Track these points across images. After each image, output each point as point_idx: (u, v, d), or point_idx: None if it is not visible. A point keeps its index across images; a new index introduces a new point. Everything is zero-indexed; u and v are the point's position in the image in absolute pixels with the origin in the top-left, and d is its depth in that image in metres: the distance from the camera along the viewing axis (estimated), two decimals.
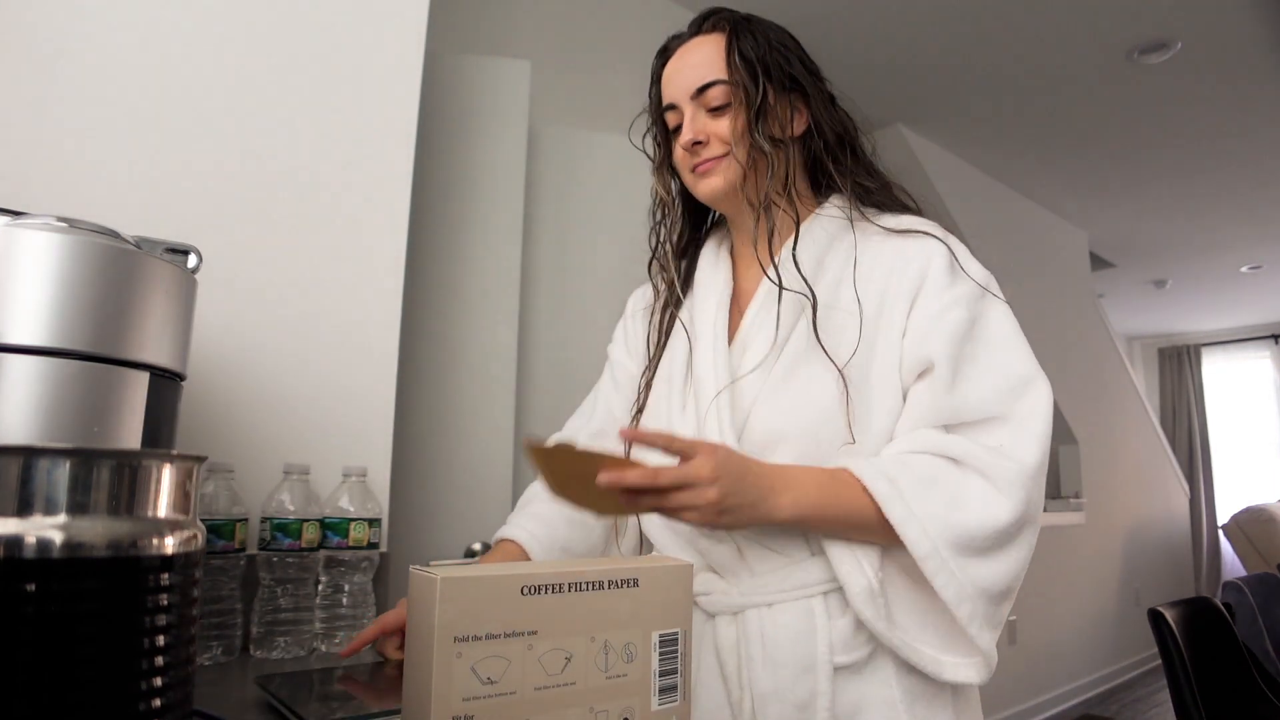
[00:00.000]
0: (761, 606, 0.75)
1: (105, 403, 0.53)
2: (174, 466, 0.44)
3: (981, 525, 0.68)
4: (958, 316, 0.74)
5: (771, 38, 0.87)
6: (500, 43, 2.03)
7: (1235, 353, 6.79)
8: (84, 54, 0.91)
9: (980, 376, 0.73)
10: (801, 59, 0.88)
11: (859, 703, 0.72)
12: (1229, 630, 2.01)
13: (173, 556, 0.43)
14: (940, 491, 0.69)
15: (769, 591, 0.75)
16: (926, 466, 0.70)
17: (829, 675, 0.72)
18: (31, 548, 0.37)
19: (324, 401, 1.05)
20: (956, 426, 0.73)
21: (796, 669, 0.72)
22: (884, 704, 0.72)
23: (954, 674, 0.71)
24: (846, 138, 0.87)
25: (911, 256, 0.78)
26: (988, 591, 0.68)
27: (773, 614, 0.74)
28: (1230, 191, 4.02)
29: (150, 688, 0.40)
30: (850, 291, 0.78)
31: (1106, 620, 4.26)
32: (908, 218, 0.83)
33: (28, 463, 0.38)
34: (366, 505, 0.97)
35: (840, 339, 0.76)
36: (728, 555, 0.77)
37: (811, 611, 0.73)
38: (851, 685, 0.73)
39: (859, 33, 2.73)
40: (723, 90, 0.82)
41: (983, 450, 0.70)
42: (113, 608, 0.39)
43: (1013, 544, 0.69)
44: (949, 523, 0.68)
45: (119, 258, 0.54)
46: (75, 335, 0.51)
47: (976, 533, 0.68)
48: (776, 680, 0.72)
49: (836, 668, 0.72)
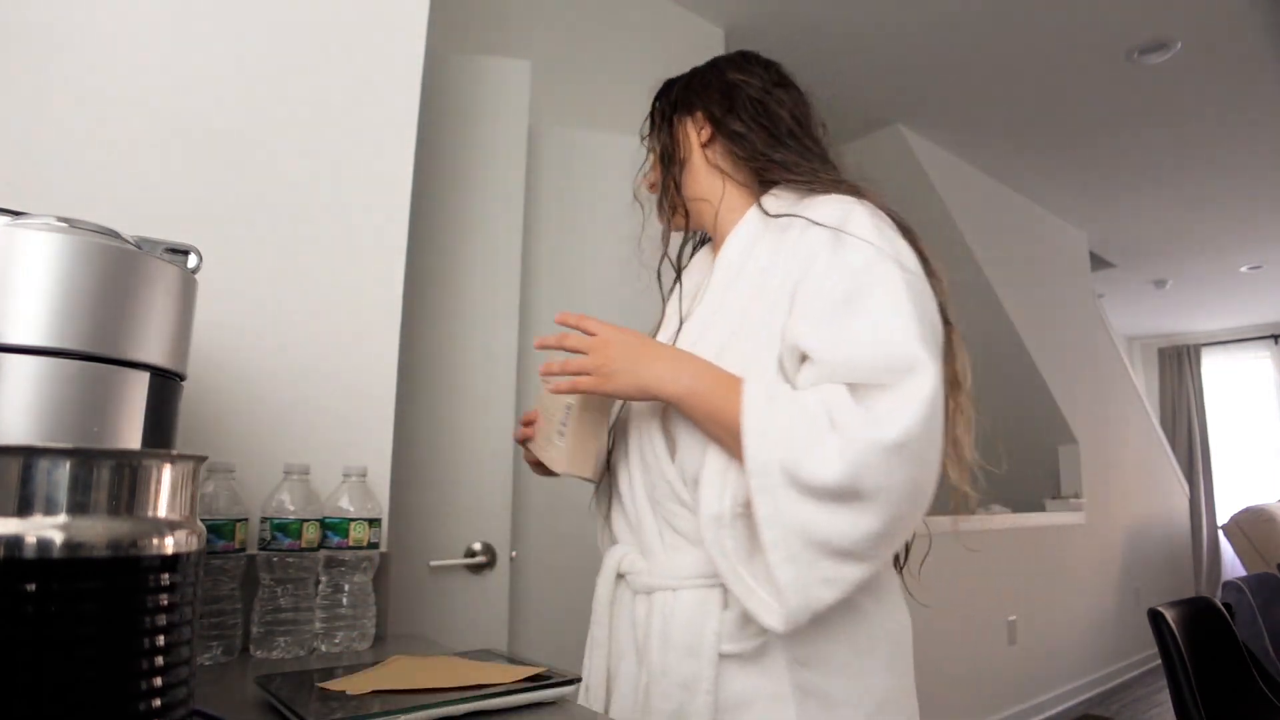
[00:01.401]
0: (668, 590, 0.79)
1: (105, 403, 0.53)
2: (174, 466, 0.44)
3: (812, 472, 0.68)
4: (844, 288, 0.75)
5: (686, 78, 1.00)
6: (500, 43, 2.03)
7: (1235, 353, 6.79)
8: (84, 53, 0.91)
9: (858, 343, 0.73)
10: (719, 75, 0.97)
11: (746, 694, 0.75)
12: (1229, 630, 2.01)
13: (173, 556, 0.43)
14: (801, 428, 0.70)
15: (677, 576, 0.79)
16: (806, 405, 0.72)
17: (713, 661, 0.75)
18: (32, 548, 0.37)
19: (324, 401, 1.05)
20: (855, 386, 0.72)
21: (684, 650, 0.76)
22: (772, 698, 0.74)
23: (758, 608, 0.71)
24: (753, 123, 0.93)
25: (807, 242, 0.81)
26: (803, 531, 0.69)
27: (676, 597, 0.78)
28: (1230, 191, 4.02)
29: (150, 688, 0.41)
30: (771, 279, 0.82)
31: (1106, 620, 4.26)
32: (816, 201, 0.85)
33: (28, 463, 0.38)
34: (366, 505, 0.97)
35: (760, 321, 0.81)
36: (651, 536, 0.83)
37: (707, 599, 0.77)
38: (740, 676, 0.75)
39: (859, 33, 2.73)
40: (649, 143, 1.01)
41: (853, 412, 0.70)
42: (113, 608, 0.39)
43: (849, 507, 0.68)
44: (790, 453, 0.69)
45: (119, 258, 0.54)
46: (75, 335, 0.51)
47: (808, 477, 0.68)
48: (665, 659, 0.77)
49: (722, 655, 0.75)
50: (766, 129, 0.92)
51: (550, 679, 0.71)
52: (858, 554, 0.69)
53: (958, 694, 3.12)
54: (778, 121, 0.93)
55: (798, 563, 0.69)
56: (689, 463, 0.80)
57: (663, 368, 0.78)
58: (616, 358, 0.78)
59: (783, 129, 0.93)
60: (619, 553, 0.87)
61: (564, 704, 0.71)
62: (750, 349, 0.80)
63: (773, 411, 0.72)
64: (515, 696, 0.67)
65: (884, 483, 0.68)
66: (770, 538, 0.70)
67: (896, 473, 0.68)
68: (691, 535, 0.80)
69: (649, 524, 0.83)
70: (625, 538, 0.88)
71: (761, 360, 0.78)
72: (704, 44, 2.61)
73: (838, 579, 0.69)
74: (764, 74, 0.96)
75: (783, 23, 2.67)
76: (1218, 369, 6.85)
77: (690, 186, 0.95)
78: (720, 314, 0.86)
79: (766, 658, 0.75)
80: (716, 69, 0.98)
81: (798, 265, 0.80)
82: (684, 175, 0.95)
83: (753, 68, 0.97)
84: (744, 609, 0.73)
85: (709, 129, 0.95)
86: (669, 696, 0.75)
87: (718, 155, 0.94)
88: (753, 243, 0.87)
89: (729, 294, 0.86)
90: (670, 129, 0.97)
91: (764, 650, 0.75)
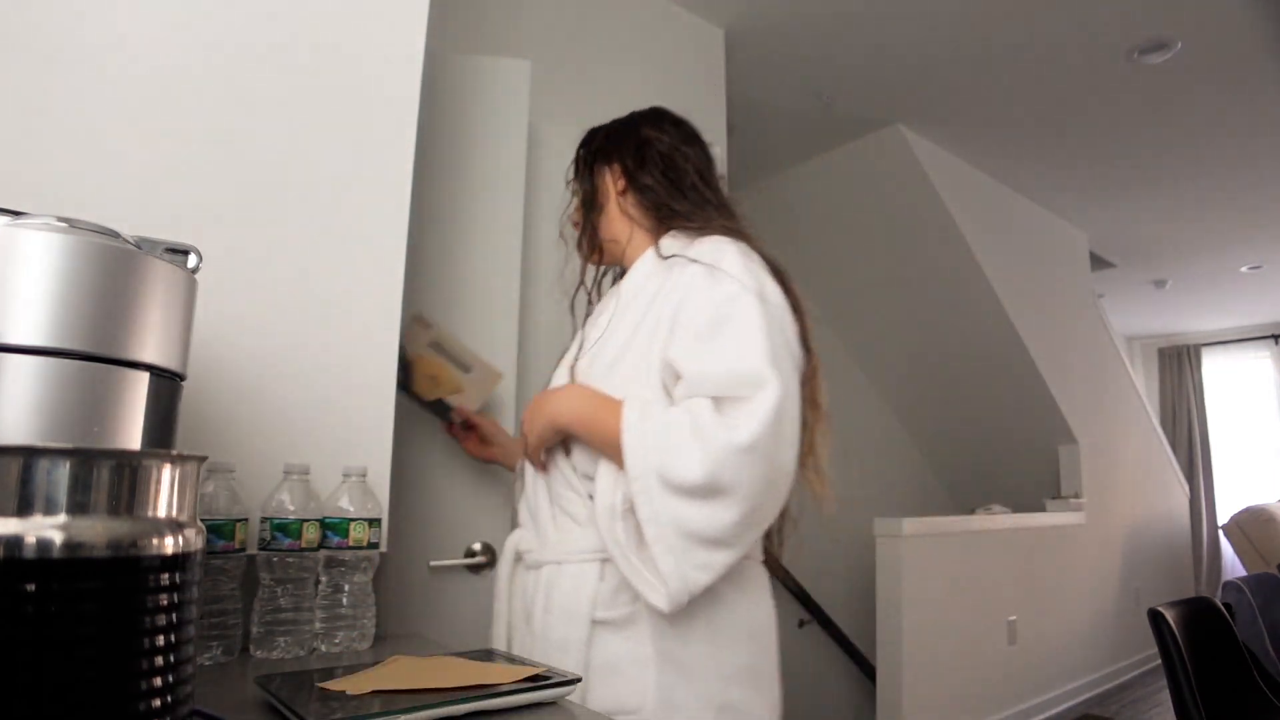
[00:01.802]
0: (555, 564, 0.93)
1: (105, 403, 0.53)
2: (174, 466, 0.44)
3: (680, 474, 0.82)
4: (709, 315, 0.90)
5: (606, 130, 1.14)
6: (500, 42, 2.03)
7: (1235, 353, 6.79)
8: (83, 53, 0.91)
9: (718, 361, 0.86)
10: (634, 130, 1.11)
11: (615, 658, 0.87)
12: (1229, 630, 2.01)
13: (173, 557, 0.43)
14: (669, 438, 0.84)
15: (563, 552, 0.93)
16: (673, 418, 0.85)
17: (587, 625, 0.88)
18: (31, 548, 0.37)
19: (324, 401, 1.04)
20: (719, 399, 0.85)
21: (564, 616, 0.89)
22: (636, 662, 0.86)
23: (646, 590, 0.84)
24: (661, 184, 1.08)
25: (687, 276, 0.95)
26: (677, 525, 0.82)
27: (560, 570, 0.92)
28: (1230, 191, 4.02)
29: (150, 688, 0.40)
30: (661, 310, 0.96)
31: (1106, 620, 4.26)
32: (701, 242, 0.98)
33: (28, 463, 0.38)
34: (366, 505, 0.97)
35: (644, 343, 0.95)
36: (546, 520, 0.98)
37: (586, 573, 0.90)
38: (611, 640, 0.88)
39: (859, 33, 2.73)
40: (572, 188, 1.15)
41: (712, 420, 0.83)
42: (113, 608, 0.39)
43: (712, 502, 0.82)
44: (662, 460, 0.83)
45: (119, 258, 0.54)
46: (75, 335, 0.51)
47: (677, 479, 0.82)
48: (546, 623, 0.90)
49: (596, 621, 0.88)
50: (672, 181, 1.07)
51: (550, 679, 0.71)
52: (725, 541, 0.83)
53: (958, 694, 3.12)
54: (683, 175, 1.08)
55: (675, 553, 0.82)
56: (581, 463, 0.95)
57: (555, 405, 0.95)
58: (531, 420, 0.98)
59: (686, 182, 1.07)
60: (518, 535, 1.02)
61: (564, 704, 0.71)
62: (633, 367, 0.94)
63: (645, 427, 0.86)
64: (515, 697, 0.67)
65: (739, 479, 0.81)
66: (652, 533, 0.83)
67: (749, 470, 0.82)
68: (580, 518, 0.94)
69: (545, 510, 0.98)
70: (526, 523, 1.03)
71: (642, 377, 0.93)
72: (704, 44, 2.61)
73: (710, 564, 0.83)
74: (674, 131, 1.11)
75: (782, 23, 2.67)
76: (1218, 369, 6.85)
77: (605, 229, 1.10)
78: (613, 337, 1.00)
79: (634, 626, 0.88)
80: (633, 125, 1.13)
81: (678, 296, 0.94)
82: (601, 219, 1.10)
83: (665, 125, 1.12)
84: (621, 582, 0.87)
85: (623, 180, 1.09)
86: (547, 656, 0.86)
87: (629, 203, 1.09)
88: (645, 279, 1.01)
89: (622, 321, 1.00)
90: (591, 177, 1.12)
91: (632, 619, 0.88)
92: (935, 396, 4.28)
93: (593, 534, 0.91)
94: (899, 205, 3.61)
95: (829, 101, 3.13)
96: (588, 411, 0.92)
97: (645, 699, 0.85)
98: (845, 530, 3.97)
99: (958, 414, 4.27)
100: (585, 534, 0.92)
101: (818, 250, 4.04)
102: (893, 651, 2.89)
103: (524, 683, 0.69)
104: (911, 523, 3.01)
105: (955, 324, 3.90)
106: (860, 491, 4.18)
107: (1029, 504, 4.06)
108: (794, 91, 3.11)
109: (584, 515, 0.94)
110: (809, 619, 3.64)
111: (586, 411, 0.92)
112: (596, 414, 0.91)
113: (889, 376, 4.34)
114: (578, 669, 0.84)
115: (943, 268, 3.71)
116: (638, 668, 0.86)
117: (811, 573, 3.71)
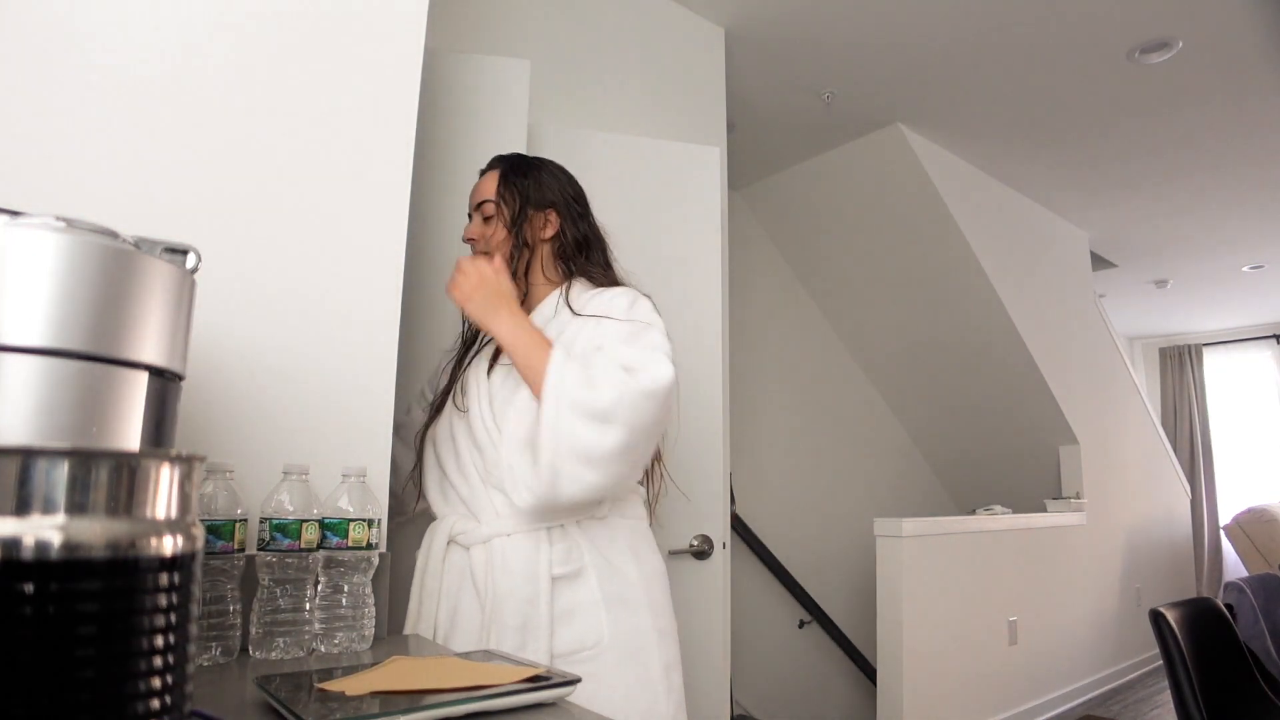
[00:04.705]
0: (504, 536, 1.08)
1: (104, 403, 0.53)
2: (173, 466, 0.44)
3: (589, 399, 1.01)
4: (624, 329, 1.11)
5: (540, 173, 1.26)
6: (500, 42, 2.03)
7: (1237, 352, 6.79)
8: (83, 53, 0.91)
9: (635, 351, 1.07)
10: (563, 187, 1.27)
11: (572, 605, 1.08)
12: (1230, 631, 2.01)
13: (172, 557, 0.42)
14: (588, 372, 1.04)
15: (509, 526, 1.09)
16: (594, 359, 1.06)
17: (549, 581, 1.06)
18: (30, 549, 0.36)
19: (324, 401, 1.04)
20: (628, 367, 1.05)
21: (526, 576, 1.06)
22: (589, 605, 1.08)
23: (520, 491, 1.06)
24: (585, 241, 1.26)
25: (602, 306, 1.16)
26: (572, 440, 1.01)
27: (512, 541, 1.08)
28: (1231, 191, 4.02)
29: (149, 689, 0.40)
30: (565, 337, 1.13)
31: (1107, 620, 4.25)
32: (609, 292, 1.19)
33: (26, 463, 0.38)
34: (366, 506, 0.97)
35: None
36: (482, 503, 1.11)
37: (538, 540, 1.08)
38: (567, 591, 1.08)
39: (859, 32, 2.73)
40: (491, 207, 1.23)
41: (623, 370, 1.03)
42: (111, 609, 0.39)
43: (604, 426, 1.01)
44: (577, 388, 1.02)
45: (117, 257, 0.54)
46: (73, 335, 0.51)
47: (585, 401, 1.01)
48: (511, 584, 1.05)
49: (554, 577, 1.07)
50: (590, 243, 1.26)
51: (550, 679, 0.71)
52: (599, 462, 1.01)
53: (958, 694, 3.12)
54: (598, 237, 1.28)
55: (557, 463, 1.01)
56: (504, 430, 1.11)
57: (505, 321, 1.10)
58: (483, 290, 1.12)
59: (596, 245, 1.27)
60: (449, 521, 1.13)
61: (564, 704, 0.71)
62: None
63: (568, 363, 1.04)
64: (515, 697, 0.67)
65: (631, 416, 1.01)
66: (546, 442, 1.01)
67: (639, 411, 1.02)
68: (509, 492, 1.09)
69: (480, 495, 1.12)
70: (452, 510, 1.15)
71: None
72: (704, 44, 2.61)
73: (579, 478, 1.02)
74: (582, 195, 1.30)
75: (783, 22, 2.67)
76: (1219, 369, 6.85)
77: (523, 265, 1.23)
78: None
79: (582, 577, 1.09)
80: (558, 177, 1.27)
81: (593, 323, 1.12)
82: (523, 256, 1.22)
83: (578, 186, 1.29)
84: (570, 544, 1.09)
85: (554, 228, 1.24)
86: (517, 612, 1.04)
87: (548, 249, 1.25)
88: (545, 322, 1.17)
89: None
90: (526, 214, 1.23)
91: (581, 572, 1.09)
92: (936, 396, 4.27)
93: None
94: (899, 205, 3.60)
95: (829, 101, 3.13)
96: (526, 340, 1.08)
97: (602, 632, 1.07)
98: (845, 530, 3.97)
99: (959, 414, 4.27)
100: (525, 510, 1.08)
101: (818, 250, 4.04)
102: (893, 651, 2.89)
103: (524, 683, 0.69)
104: (912, 523, 3.01)
105: (956, 324, 3.89)
106: (860, 491, 4.18)
107: (1030, 504, 4.06)
108: (794, 91, 3.11)
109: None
110: (809, 619, 3.64)
111: (525, 339, 1.08)
112: (531, 345, 1.07)
113: (889, 376, 4.33)
114: (546, 617, 1.05)
115: (943, 268, 3.71)
116: (591, 608, 1.08)
117: (812, 573, 3.71)
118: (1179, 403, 6.88)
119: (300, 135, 1.07)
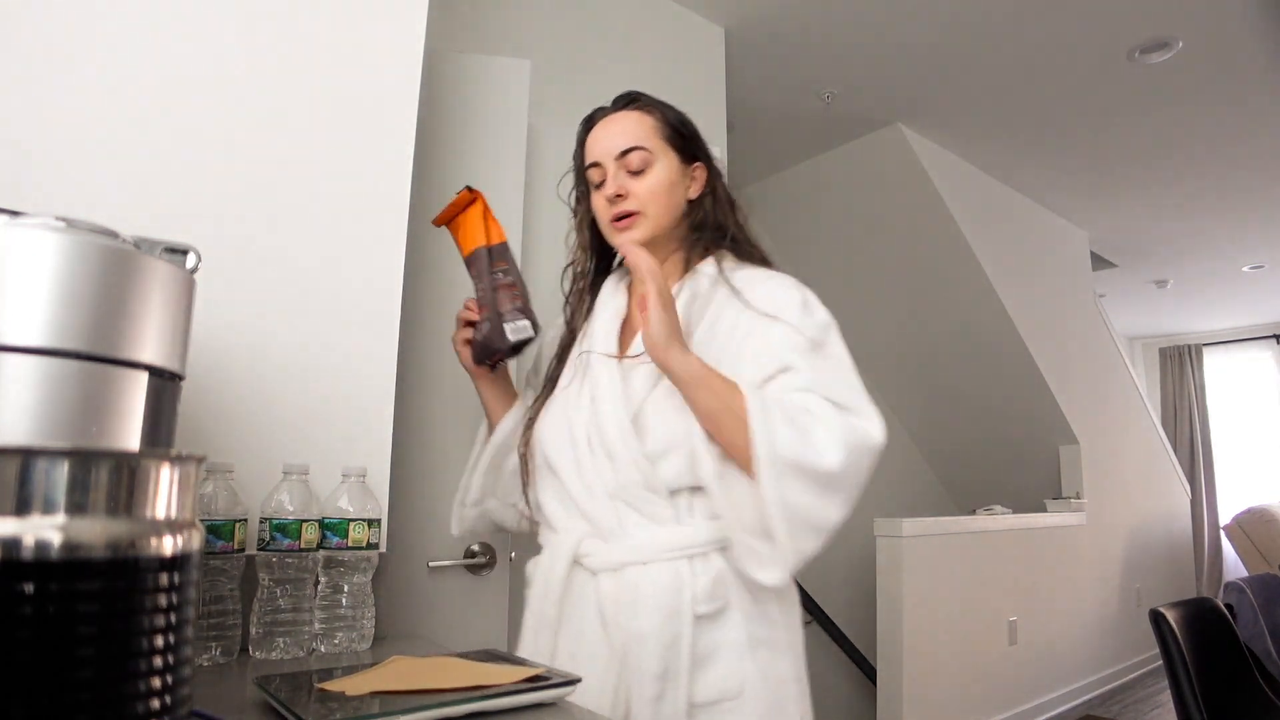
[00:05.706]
0: (639, 564, 0.91)
1: (104, 403, 0.53)
2: (173, 466, 0.44)
3: (813, 461, 0.84)
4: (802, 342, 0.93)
5: (681, 120, 1.06)
6: (500, 42, 2.03)
7: (1237, 352, 6.78)
8: (83, 53, 0.91)
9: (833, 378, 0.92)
10: (697, 138, 1.07)
11: (714, 646, 0.91)
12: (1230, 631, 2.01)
13: (171, 557, 0.42)
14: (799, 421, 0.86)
15: (645, 553, 0.91)
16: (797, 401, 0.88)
17: (690, 621, 0.89)
18: (30, 548, 0.36)
19: (324, 401, 1.04)
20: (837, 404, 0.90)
21: (666, 614, 0.89)
22: (733, 646, 0.91)
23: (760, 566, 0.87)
24: (732, 203, 1.07)
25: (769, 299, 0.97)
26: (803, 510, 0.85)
27: (648, 571, 0.90)
28: (1231, 191, 4.02)
29: (149, 688, 0.40)
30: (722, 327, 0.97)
31: (1107, 621, 4.25)
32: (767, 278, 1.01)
33: (26, 463, 0.38)
34: (366, 505, 0.97)
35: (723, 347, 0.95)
36: (610, 521, 0.93)
37: (679, 571, 0.90)
38: (708, 631, 0.91)
39: (859, 32, 2.72)
40: (641, 156, 1.00)
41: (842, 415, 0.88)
42: (111, 608, 0.39)
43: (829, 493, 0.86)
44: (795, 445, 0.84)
45: (117, 257, 0.54)
46: (73, 335, 0.51)
47: (809, 464, 0.84)
48: (650, 624, 0.88)
49: (696, 616, 0.90)
50: (736, 207, 1.07)
51: (550, 680, 0.71)
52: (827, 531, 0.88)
53: (958, 694, 3.12)
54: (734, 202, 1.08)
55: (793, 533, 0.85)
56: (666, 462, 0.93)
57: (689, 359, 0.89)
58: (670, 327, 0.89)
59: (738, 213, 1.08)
60: (573, 538, 0.95)
61: (564, 704, 0.71)
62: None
63: (767, 410, 0.85)
64: (515, 697, 0.67)
65: (857, 479, 0.88)
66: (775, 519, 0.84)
67: (865, 471, 0.89)
68: (656, 517, 0.92)
69: (605, 511, 0.94)
70: (572, 525, 0.97)
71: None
72: (704, 43, 2.61)
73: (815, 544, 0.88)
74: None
75: (783, 23, 2.67)
76: (1219, 369, 6.84)
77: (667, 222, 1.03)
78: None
79: (726, 616, 0.92)
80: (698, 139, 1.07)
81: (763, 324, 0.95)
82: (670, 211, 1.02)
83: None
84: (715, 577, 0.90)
85: (699, 187, 1.05)
86: (656, 656, 0.88)
87: (687, 210, 1.05)
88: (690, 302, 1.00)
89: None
90: (681, 164, 1.03)
91: (724, 610, 0.92)
92: (936, 396, 4.27)
93: (677, 533, 0.92)
94: (899, 205, 3.60)
95: (829, 101, 3.13)
96: (708, 379, 0.88)
97: (745, 680, 0.91)
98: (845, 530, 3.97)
99: (958, 414, 4.27)
100: (670, 533, 0.92)
101: (818, 250, 4.03)
102: (893, 651, 2.88)
103: (524, 683, 0.69)
104: (912, 523, 3.01)
105: (956, 324, 3.89)
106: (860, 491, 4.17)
107: (1030, 504, 4.06)
108: (794, 91, 3.11)
109: (665, 515, 0.92)
110: (809, 619, 3.64)
111: (707, 378, 0.88)
112: (715, 387, 0.88)
113: (889, 376, 4.33)
114: (688, 663, 0.88)
115: (943, 267, 3.71)
116: (734, 652, 0.91)
117: (811, 573, 3.70)
118: (1179, 403, 6.88)
119: (300, 135, 1.07)
